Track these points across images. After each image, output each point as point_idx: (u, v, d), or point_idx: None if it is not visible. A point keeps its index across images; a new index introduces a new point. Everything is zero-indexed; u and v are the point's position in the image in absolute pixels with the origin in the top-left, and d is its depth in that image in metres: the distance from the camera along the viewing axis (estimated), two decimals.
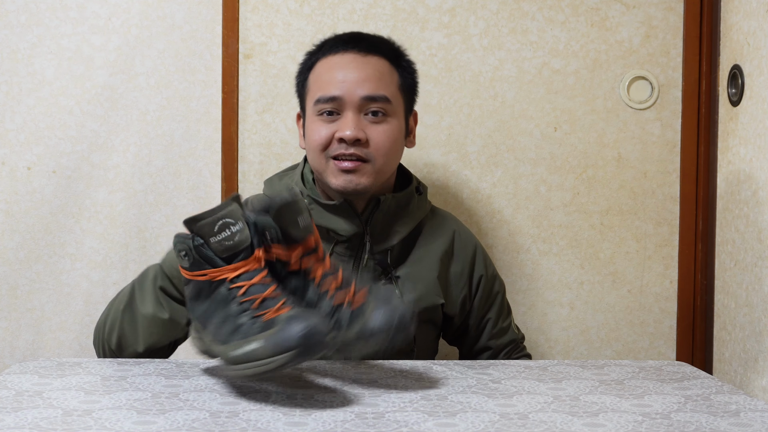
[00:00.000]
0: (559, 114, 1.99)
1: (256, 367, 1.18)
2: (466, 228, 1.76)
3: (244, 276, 1.27)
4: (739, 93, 1.86)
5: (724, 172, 1.93)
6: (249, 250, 1.28)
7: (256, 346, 1.18)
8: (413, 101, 1.70)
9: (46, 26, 1.93)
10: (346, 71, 1.59)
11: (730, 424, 1.16)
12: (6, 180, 1.93)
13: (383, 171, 1.60)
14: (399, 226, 1.64)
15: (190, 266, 1.28)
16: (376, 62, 1.61)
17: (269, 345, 1.17)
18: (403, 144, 1.66)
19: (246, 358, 1.19)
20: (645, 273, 2.02)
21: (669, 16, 1.99)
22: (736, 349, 1.87)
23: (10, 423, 1.12)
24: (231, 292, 1.26)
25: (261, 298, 1.24)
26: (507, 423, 1.15)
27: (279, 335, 1.16)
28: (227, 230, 1.26)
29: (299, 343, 1.16)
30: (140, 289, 1.54)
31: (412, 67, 1.69)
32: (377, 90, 1.59)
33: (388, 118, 1.60)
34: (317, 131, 1.60)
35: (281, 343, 1.16)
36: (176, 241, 1.29)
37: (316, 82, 1.62)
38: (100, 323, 1.59)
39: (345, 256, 1.62)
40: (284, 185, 1.67)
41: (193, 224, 1.27)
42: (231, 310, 1.25)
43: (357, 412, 1.19)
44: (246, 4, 1.95)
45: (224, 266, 1.27)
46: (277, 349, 1.16)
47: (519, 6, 1.97)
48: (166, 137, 1.95)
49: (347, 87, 1.58)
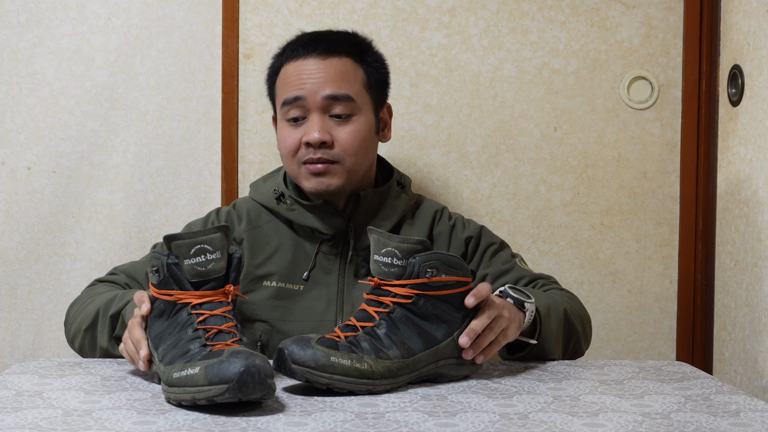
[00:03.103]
0: (559, 114, 1.99)
1: (190, 393, 1.18)
2: (455, 213, 1.75)
3: (207, 305, 1.27)
4: (739, 93, 1.86)
5: (724, 172, 1.93)
6: (221, 281, 1.29)
7: (193, 372, 1.18)
8: (384, 95, 1.70)
9: (46, 26, 1.93)
10: (308, 74, 1.60)
11: (730, 424, 1.16)
12: (6, 180, 1.93)
13: (354, 170, 1.61)
14: (382, 220, 1.65)
15: (158, 284, 1.29)
16: (338, 62, 1.61)
17: (208, 373, 1.16)
18: (374, 140, 1.66)
19: (182, 381, 1.19)
20: (645, 273, 2.02)
21: (669, 16, 1.99)
22: (736, 349, 1.87)
23: (10, 423, 1.12)
24: (190, 317, 1.26)
25: (216, 330, 1.25)
26: (507, 423, 1.15)
27: (218, 366, 1.16)
28: (202, 256, 1.26)
29: (235, 379, 1.15)
30: (103, 319, 1.51)
31: (379, 61, 1.69)
32: (339, 89, 1.60)
33: (353, 117, 1.61)
34: (285, 138, 1.62)
35: (218, 374, 1.15)
36: (152, 256, 1.29)
37: (281, 86, 1.64)
38: (69, 319, 1.59)
39: (330, 254, 1.63)
40: (268, 188, 1.68)
41: (171, 242, 1.27)
42: (185, 335, 1.25)
43: (357, 412, 1.19)
44: (246, 4, 1.95)
45: (191, 291, 1.27)
46: (213, 379, 1.16)
47: (519, 6, 1.97)
48: (166, 137, 1.95)
49: (309, 88, 1.59)
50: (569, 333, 1.55)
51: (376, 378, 1.28)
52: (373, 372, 1.28)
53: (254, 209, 1.69)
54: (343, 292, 1.62)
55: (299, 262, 1.64)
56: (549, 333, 1.50)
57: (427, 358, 1.33)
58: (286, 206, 1.64)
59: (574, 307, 1.58)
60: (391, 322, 1.32)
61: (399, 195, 1.68)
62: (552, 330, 1.50)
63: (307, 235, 1.65)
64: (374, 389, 1.28)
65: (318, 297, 1.62)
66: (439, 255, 1.33)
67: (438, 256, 1.32)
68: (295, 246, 1.65)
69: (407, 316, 1.33)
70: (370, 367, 1.28)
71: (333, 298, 1.62)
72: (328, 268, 1.64)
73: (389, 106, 1.73)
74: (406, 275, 1.33)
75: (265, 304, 1.61)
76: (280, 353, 1.26)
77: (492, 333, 1.37)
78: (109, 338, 1.49)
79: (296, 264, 1.64)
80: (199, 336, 1.24)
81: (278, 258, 1.64)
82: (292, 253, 1.64)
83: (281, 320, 1.61)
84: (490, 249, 1.69)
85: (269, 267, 1.63)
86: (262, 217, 1.67)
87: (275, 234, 1.66)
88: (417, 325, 1.33)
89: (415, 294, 1.32)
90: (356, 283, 1.63)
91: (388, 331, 1.31)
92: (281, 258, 1.64)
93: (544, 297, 1.53)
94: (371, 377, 1.28)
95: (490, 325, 1.37)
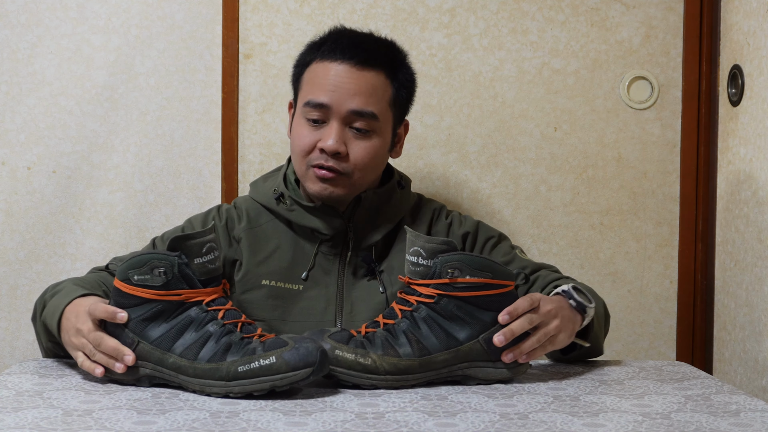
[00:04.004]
0: (559, 114, 1.99)
1: (269, 382, 1.24)
2: (452, 210, 1.75)
3: (218, 301, 1.33)
4: (739, 93, 1.86)
5: (724, 172, 1.93)
6: (219, 278, 1.35)
7: (271, 362, 1.24)
8: (406, 112, 1.69)
9: (46, 26, 1.93)
10: (339, 81, 1.58)
11: (730, 424, 1.16)
12: (6, 180, 1.93)
13: (360, 184, 1.61)
14: (382, 221, 1.65)
15: (164, 285, 1.30)
16: (371, 77, 1.59)
17: (290, 360, 1.23)
18: (385, 158, 1.66)
19: (256, 372, 1.24)
20: (645, 273, 2.02)
21: (669, 16, 1.99)
22: (736, 349, 1.87)
23: (10, 423, 1.12)
24: (208, 314, 1.30)
25: (240, 323, 1.31)
26: (507, 423, 1.15)
27: (296, 352, 1.24)
28: (212, 254, 1.33)
29: (318, 360, 1.24)
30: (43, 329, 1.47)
31: (410, 79, 1.67)
32: (366, 105, 1.58)
33: (372, 134, 1.60)
34: (301, 137, 1.60)
35: (302, 359, 1.24)
36: (152, 258, 1.30)
37: (308, 83, 1.62)
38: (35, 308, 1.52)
39: (330, 255, 1.63)
40: (268, 187, 1.67)
41: (182, 242, 1.30)
42: (209, 330, 1.29)
43: (357, 412, 1.19)
44: (246, 4, 1.95)
45: (201, 289, 1.31)
46: (297, 365, 1.23)
47: (519, 6, 1.97)
48: (166, 137, 1.95)
49: (336, 97, 1.57)
50: (607, 326, 1.60)
51: (381, 373, 1.30)
52: (377, 367, 1.30)
53: (254, 209, 1.68)
54: (342, 292, 1.62)
55: (298, 262, 1.64)
56: (599, 330, 1.53)
57: (446, 359, 1.34)
58: (285, 206, 1.64)
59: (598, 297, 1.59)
60: (413, 321, 1.34)
61: (399, 196, 1.68)
62: (601, 327, 1.53)
63: (306, 235, 1.65)
64: (379, 384, 1.31)
65: (317, 297, 1.62)
66: (462, 256, 1.33)
67: (460, 257, 1.33)
68: (295, 246, 1.65)
69: (431, 315, 1.34)
70: (374, 363, 1.30)
71: (332, 298, 1.62)
72: (328, 268, 1.63)
73: (407, 123, 1.71)
74: (429, 275, 1.34)
75: (264, 303, 1.61)
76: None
77: (536, 341, 1.37)
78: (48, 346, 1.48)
79: (295, 264, 1.64)
80: (231, 330, 1.29)
81: (277, 258, 1.64)
82: (291, 252, 1.64)
83: (280, 320, 1.61)
84: (489, 242, 1.69)
85: (268, 266, 1.63)
86: (261, 217, 1.67)
87: (274, 234, 1.66)
88: (440, 325, 1.34)
89: (438, 294, 1.33)
90: (355, 284, 1.63)
91: (408, 329, 1.33)
92: (280, 258, 1.64)
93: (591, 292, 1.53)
94: (375, 372, 1.30)
95: (534, 333, 1.37)
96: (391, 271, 1.63)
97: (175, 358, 1.29)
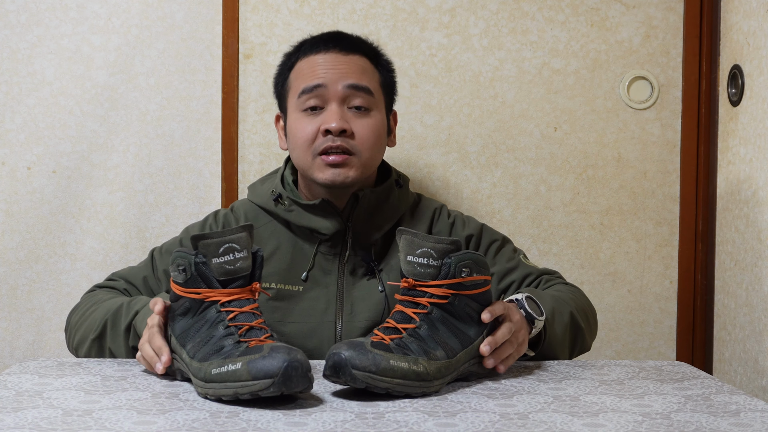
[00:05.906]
0: (559, 114, 1.99)
1: (232, 388, 1.20)
2: (454, 210, 1.75)
3: (236, 303, 1.30)
4: (739, 93, 1.86)
5: (724, 172, 1.93)
6: (246, 279, 1.31)
7: (235, 368, 1.20)
8: (392, 100, 1.71)
9: (46, 26, 1.93)
10: (329, 64, 1.61)
11: (730, 424, 1.16)
12: (6, 180, 1.93)
13: (368, 165, 1.61)
14: (380, 220, 1.65)
15: (185, 282, 1.30)
16: (358, 59, 1.63)
17: (251, 369, 1.19)
18: (386, 140, 1.67)
19: (223, 377, 1.21)
20: (645, 273, 2.02)
21: (669, 16, 1.99)
22: (736, 349, 1.87)
23: (10, 423, 1.12)
24: (220, 315, 1.29)
25: (247, 327, 1.28)
26: (507, 423, 1.15)
27: (261, 361, 1.19)
28: (231, 255, 1.29)
29: (280, 373, 1.18)
30: (113, 331, 1.51)
31: (390, 66, 1.70)
32: (361, 80, 1.60)
33: (371, 111, 1.61)
34: (302, 127, 1.60)
35: (262, 369, 1.18)
36: (177, 255, 1.31)
37: (297, 78, 1.63)
38: (71, 326, 1.58)
39: (329, 255, 1.63)
40: (266, 189, 1.67)
41: (199, 241, 1.29)
42: (216, 332, 1.28)
43: (357, 412, 1.19)
44: (246, 4, 1.95)
45: (219, 289, 1.30)
46: (257, 374, 1.18)
47: (519, 6, 1.98)
48: (166, 137, 1.95)
49: (330, 77, 1.59)
50: (575, 334, 1.56)
51: (430, 379, 1.28)
52: (427, 373, 1.27)
53: (252, 211, 1.68)
54: (343, 292, 1.62)
55: (298, 263, 1.64)
56: (554, 338, 1.50)
57: (464, 357, 1.34)
58: (284, 207, 1.64)
59: (579, 304, 1.58)
60: (431, 323, 1.32)
61: (398, 194, 1.68)
62: (557, 335, 1.51)
63: (305, 236, 1.65)
64: (428, 391, 1.28)
65: (317, 297, 1.62)
66: (472, 255, 1.33)
67: (471, 256, 1.33)
68: (294, 247, 1.64)
69: (444, 316, 1.33)
70: (425, 369, 1.27)
71: (332, 298, 1.62)
72: (327, 268, 1.63)
73: (395, 113, 1.73)
74: (441, 275, 1.33)
75: (264, 305, 1.61)
76: (337, 359, 1.23)
77: (512, 346, 1.38)
78: (128, 351, 1.50)
79: (295, 265, 1.64)
80: (232, 333, 1.26)
81: (277, 259, 1.64)
82: (290, 254, 1.64)
83: (281, 321, 1.61)
84: (493, 246, 1.69)
85: (268, 268, 1.63)
86: (260, 219, 1.67)
87: (273, 235, 1.66)
88: (453, 325, 1.33)
89: (451, 294, 1.33)
90: (355, 283, 1.63)
91: (430, 332, 1.32)
92: (280, 259, 1.64)
93: (550, 300, 1.53)
94: (426, 378, 1.27)
95: (510, 339, 1.38)
96: (390, 270, 1.64)
97: (185, 354, 1.29)
